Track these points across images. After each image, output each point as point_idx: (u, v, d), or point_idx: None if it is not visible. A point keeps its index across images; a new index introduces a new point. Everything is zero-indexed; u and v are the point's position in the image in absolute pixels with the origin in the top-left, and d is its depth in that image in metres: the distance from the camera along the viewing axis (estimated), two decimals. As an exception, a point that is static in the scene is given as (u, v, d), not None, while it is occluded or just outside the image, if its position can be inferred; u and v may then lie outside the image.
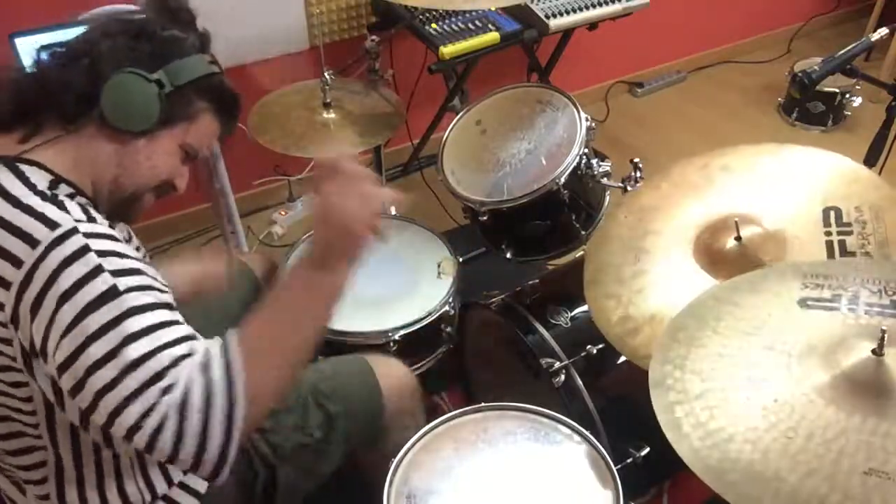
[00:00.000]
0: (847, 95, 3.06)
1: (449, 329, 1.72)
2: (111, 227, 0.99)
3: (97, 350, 0.88)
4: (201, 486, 1.22)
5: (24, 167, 0.98)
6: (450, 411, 1.32)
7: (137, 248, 1.22)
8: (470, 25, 2.31)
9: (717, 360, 1.03)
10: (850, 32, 3.64)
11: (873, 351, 0.95)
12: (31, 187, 0.96)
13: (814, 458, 0.89)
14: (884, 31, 1.71)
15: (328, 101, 1.89)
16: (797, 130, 3.18)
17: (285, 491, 1.31)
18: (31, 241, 0.91)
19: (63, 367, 0.90)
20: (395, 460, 1.23)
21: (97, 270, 0.90)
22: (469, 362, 1.88)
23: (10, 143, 1.00)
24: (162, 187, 1.11)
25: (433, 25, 2.30)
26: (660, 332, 1.21)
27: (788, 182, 1.40)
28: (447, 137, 1.89)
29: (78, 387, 0.90)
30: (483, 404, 1.34)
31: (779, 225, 1.33)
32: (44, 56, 1.03)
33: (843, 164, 1.39)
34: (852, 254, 1.25)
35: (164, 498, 1.18)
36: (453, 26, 2.30)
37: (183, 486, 1.20)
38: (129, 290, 0.91)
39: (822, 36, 3.76)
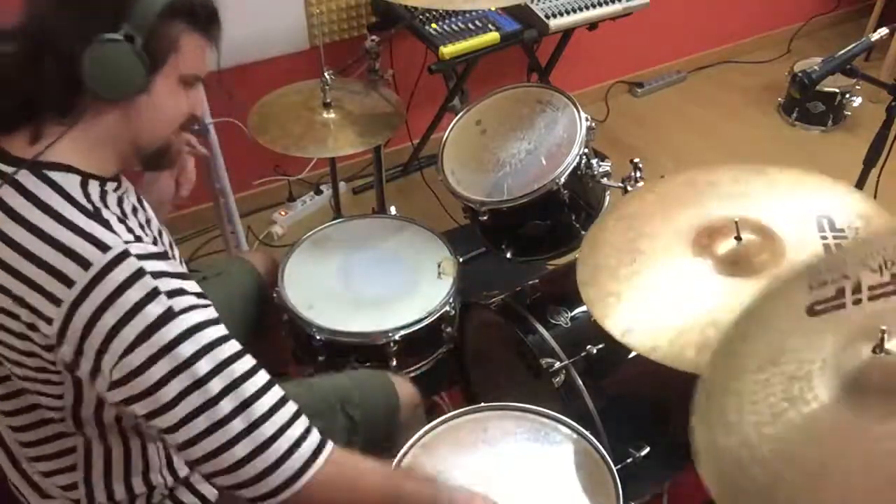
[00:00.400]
0: (847, 95, 3.06)
1: (449, 329, 1.72)
2: (154, 241, 1.00)
3: (161, 368, 0.92)
4: None
5: (53, 174, 0.96)
6: (450, 411, 1.32)
7: (170, 245, 1.22)
8: (470, 25, 2.31)
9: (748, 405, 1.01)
10: (850, 32, 3.64)
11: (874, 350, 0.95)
12: (71, 200, 0.95)
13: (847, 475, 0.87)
14: (884, 31, 1.71)
15: (328, 100, 1.89)
16: (797, 130, 3.18)
17: None
18: (82, 262, 0.91)
19: (119, 384, 0.93)
20: (395, 460, 1.23)
21: (154, 293, 0.92)
22: (469, 362, 1.88)
23: (20, 144, 0.98)
24: (184, 124, 1.08)
25: (433, 25, 2.30)
26: (664, 328, 1.21)
27: (777, 197, 1.41)
28: (447, 137, 1.89)
29: (135, 398, 0.93)
30: (483, 404, 1.34)
31: (776, 228, 1.34)
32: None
33: (828, 183, 1.42)
34: (850, 253, 1.26)
35: (185, 482, 1.20)
36: (453, 26, 2.30)
37: None
38: (184, 310, 0.94)
39: (822, 36, 3.76)
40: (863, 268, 1.02)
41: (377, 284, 1.72)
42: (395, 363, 1.63)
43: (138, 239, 0.96)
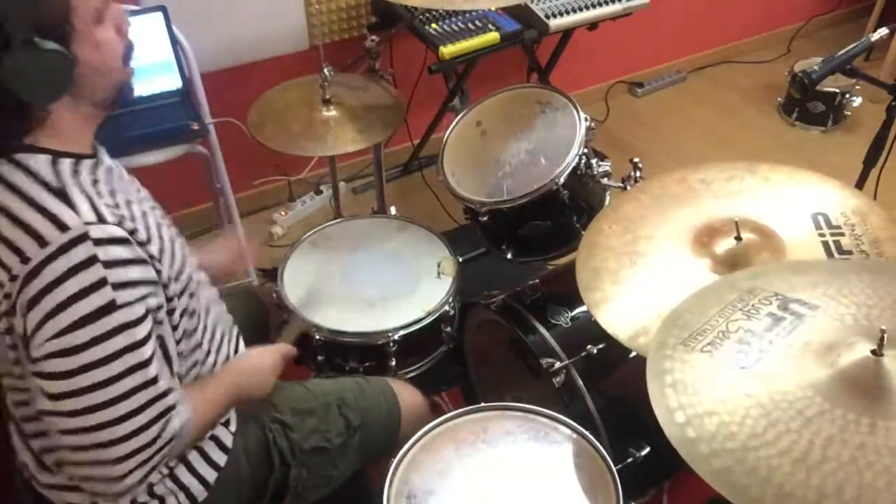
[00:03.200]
0: (847, 95, 3.06)
1: (449, 329, 1.72)
2: (119, 222, 0.98)
3: (81, 360, 0.95)
4: (220, 458, 1.24)
5: (21, 157, 0.98)
6: (450, 411, 1.32)
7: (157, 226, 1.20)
8: (470, 25, 2.31)
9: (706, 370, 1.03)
10: (850, 32, 3.64)
11: (873, 351, 0.95)
12: (37, 179, 0.97)
13: (812, 454, 0.89)
14: (884, 31, 1.71)
15: (328, 97, 1.88)
16: (797, 130, 3.18)
17: (294, 493, 1.33)
18: (40, 240, 0.93)
19: (38, 361, 0.96)
20: (395, 460, 1.23)
21: (101, 283, 0.94)
22: (469, 362, 1.88)
23: None
24: (125, 52, 1.05)
25: (433, 25, 2.30)
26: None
27: (770, 194, 1.42)
28: (447, 138, 1.89)
29: (50, 376, 0.96)
30: (483, 404, 1.34)
31: (774, 227, 1.34)
32: None
33: (818, 179, 1.43)
34: (849, 252, 1.27)
35: (184, 461, 1.20)
36: (453, 26, 2.30)
37: (204, 456, 1.22)
38: (126, 304, 0.96)
39: (822, 36, 3.76)
40: (731, 322, 1.07)
41: (377, 284, 1.72)
42: (394, 363, 1.63)
43: (101, 220, 0.96)
